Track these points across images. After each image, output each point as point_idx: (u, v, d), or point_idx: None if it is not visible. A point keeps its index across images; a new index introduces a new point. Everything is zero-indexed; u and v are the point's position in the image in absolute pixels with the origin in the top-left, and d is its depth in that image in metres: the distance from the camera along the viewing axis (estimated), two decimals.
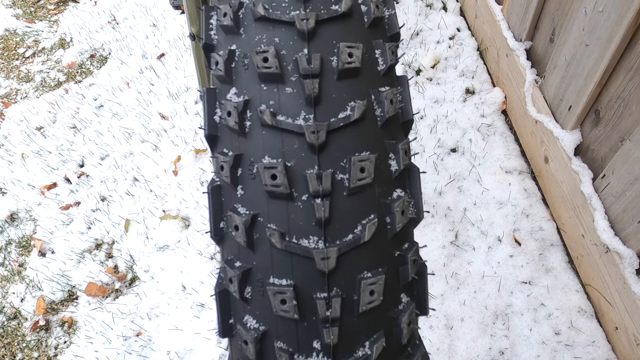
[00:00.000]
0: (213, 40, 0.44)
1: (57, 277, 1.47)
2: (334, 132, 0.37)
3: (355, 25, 0.42)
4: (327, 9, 0.41)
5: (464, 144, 1.55)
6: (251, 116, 0.39)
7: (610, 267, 1.10)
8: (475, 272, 1.29)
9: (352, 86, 0.39)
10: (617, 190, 1.06)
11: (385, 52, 0.42)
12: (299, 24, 0.39)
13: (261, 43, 0.40)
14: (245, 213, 0.38)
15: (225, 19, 0.41)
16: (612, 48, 0.99)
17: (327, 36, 0.40)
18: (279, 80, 0.39)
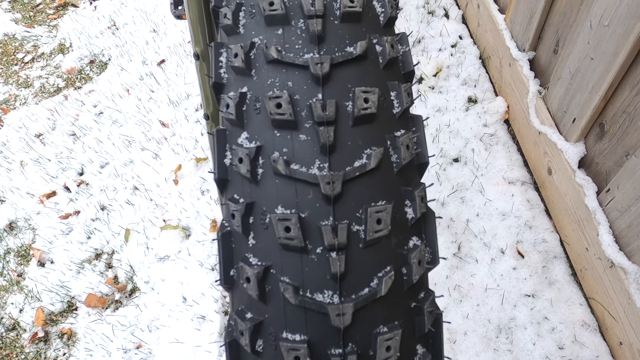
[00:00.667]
0: (223, 79, 0.43)
1: (57, 288, 1.45)
2: (349, 181, 0.36)
3: (370, 67, 0.41)
4: (342, 52, 0.40)
5: (466, 154, 1.54)
6: (263, 163, 0.37)
7: (614, 282, 1.09)
8: (479, 284, 1.28)
9: (368, 132, 0.38)
10: (622, 205, 1.05)
11: (401, 94, 0.41)
12: (313, 68, 0.38)
13: (274, 87, 0.39)
14: (257, 264, 0.36)
15: (237, 59, 0.40)
16: (618, 62, 0.98)
17: (342, 80, 0.39)
18: (292, 127, 0.38)
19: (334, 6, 0.42)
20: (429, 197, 1.46)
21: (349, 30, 0.41)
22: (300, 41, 0.40)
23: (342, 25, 0.41)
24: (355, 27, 0.41)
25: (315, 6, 0.40)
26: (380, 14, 0.45)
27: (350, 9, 0.41)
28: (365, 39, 0.42)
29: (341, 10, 0.41)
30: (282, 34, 0.40)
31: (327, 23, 0.41)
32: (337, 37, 0.40)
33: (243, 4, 0.42)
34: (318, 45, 0.39)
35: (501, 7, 1.63)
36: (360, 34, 0.41)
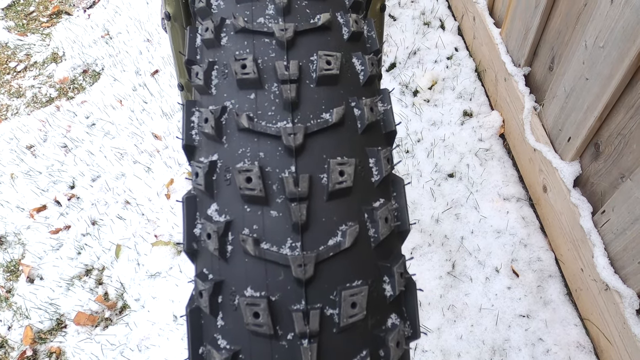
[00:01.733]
0: (194, 141, 0.41)
1: (46, 305, 1.43)
2: (323, 262, 0.34)
3: (347, 135, 0.39)
4: (317, 119, 0.38)
5: (461, 169, 1.52)
6: (233, 240, 0.36)
7: (609, 305, 1.08)
8: (473, 304, 1.26)
9: (344, 207, 0.36)
10: (617, 228, 1.04)
11: (380, 160, 0.39)
12: (286, 139, 0.36)
13: (245, 157, 0.37)
14: (225, 348, 0.35)
15: (207, 125, 0.38)
16: (613, 85, 0.97)
17: (317, 151, 0.37)
18: (263, 203, 0.36)
19: (310, 69, 0.40)
20: (423, 213, 1.44)
21: (326, 95, 0.40)
22: (273, 107, 0.38)
23: (318, 89, 0.40)
24: (332, 90, 0.40)
25: (290, 70, 0.39)
26: (360, 72, 0.43)
27: (327, 72, 0.40)
28: (343, 104, 0.39)
29: (317, 74, 0.40)
30: (254, 98, 0.38)
31: (302, 87, 0.39)
32: (313, 102, 0.38)
33: (216, 62, 0.41)
34: (292, 113, 0.37)
35: (497, 20, 1.62)
36: (337, 98, 0.40)
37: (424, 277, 1.33)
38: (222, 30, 0.42)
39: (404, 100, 1.73)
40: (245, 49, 0.41)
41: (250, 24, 0.40)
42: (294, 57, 0.40)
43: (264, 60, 0.40)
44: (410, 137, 1.63)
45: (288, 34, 0.40)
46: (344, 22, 0.43)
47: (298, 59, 0.39)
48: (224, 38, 0.42)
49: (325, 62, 0.40)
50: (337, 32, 0.42)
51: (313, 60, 0.41)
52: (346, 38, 0.42)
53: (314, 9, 0.42)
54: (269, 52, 0.40)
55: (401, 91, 1.77)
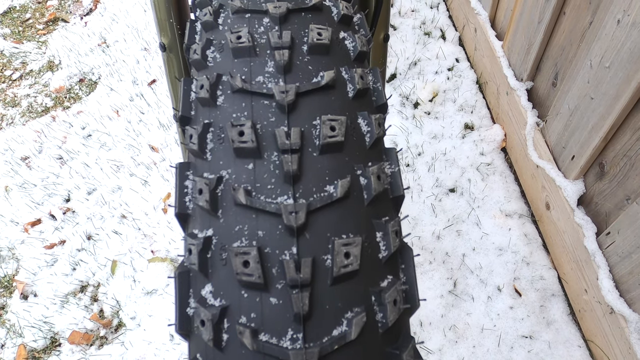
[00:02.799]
0: (188, 208, 0.39)
1: (40, 323, 1.40)
2: (326, 356, 0.32)
3: (353, 209, 0.36)
4: (320, 193, 0.36)
5: (462, 184, 1.50)
6: (229, 328, 0.33)
7: (614, 329, 1.06)
8: (475, 324, 1.24)
9: (349, 293, 0.34)
10: (623, 251, 1.02)
11: (388, 235, 0.37)
12: (287, 219, 0.34)
13: (242, 236, 0.35)
14: None
15: (201, 198, 0.36)
16: (619, 106, 0.95)
17: (321, 230, 0.35)
18: (262, 289, 0.33)
19: (313, 135, 0.38)
20: (424, 230, 1.42)
21: (329, 162, 0.37)
22: (273, 179, 0.36)
23: (322, 158, 0.37)
24: (337, 159, 0.38)
25: (291, 139, 0.36)
26: (366, 134, 0.41)
27: (332, 139, 0.37)
28: (348, 176, 0.37)
29: (321, 142, 0.37)
30: (252, 169, 0.36)
31: (304, 157, 0.37)
32: (316, 174, 0.36)
33: (211, 124, 0.38)
34: (293, 186, 0.35)
35: (498, 33, 1.60)
36: (342, 168, 0.37)
37: (425, 295, 1.30)
38: (219, 89, 0.40)
39: (405, 113, 1.71)
40: (243, 112, 0.38)
41: (249, 83, 0.38)
42: (296, 123, 0.38)
43: (263, 125, 0.38)
44: (410, 150, 1.61)
45: (289, 96, 0.37)
46: (349, 79, 0.41)
47: (300, 125, 0.37)
48: (220, 97, 0.39)
49: (329, 127, 0.37)
50: (342, 91, 0.40)
51: (316, 125, 0.38)
52: (351, 96, 0.40)
53: (316, 65, 0.40)
54: (269, 117, 0.38)
55: (401, 103, 1.75)
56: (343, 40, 0.43)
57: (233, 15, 0.43)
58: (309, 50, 0.41)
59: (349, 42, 0.44)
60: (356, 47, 0.43)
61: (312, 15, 0.43)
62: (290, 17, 0.42)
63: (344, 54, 0.42)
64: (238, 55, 0.40)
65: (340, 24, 0.44)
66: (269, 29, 0.41)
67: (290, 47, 0.39)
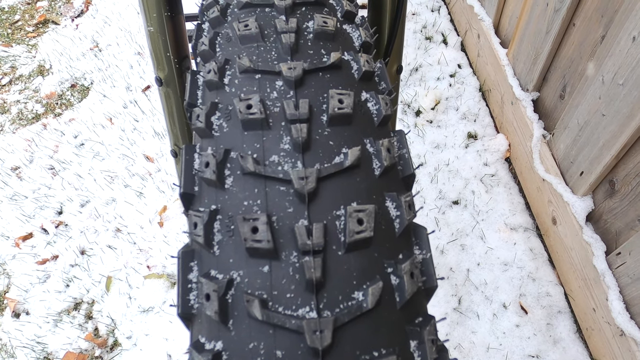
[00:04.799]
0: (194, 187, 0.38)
1: (32, 344, 1.36)
2: (342, 326, 0.30)
3: (364, 179, 0.36)
4: (332, 162, 0.35)
5: (466, 196, 1.47)
6: (235, 299, 0.32)
7: (625, 352, 1.03)
8: (480, 343, 1.21)
9: (364, 261, 0.33)
10: (635, 273, 0.99)
11: (402, 206, 0.36)
12: (297, 184, 0.32)
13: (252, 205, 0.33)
14: None
15: (207, 170, 0.35)
16: (634, 125, 0.92)
17: (332, 197, 0.34)
18: (271, 257, 0.32)
19: (321, 108, 0.36)
20: None
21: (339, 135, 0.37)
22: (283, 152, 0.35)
23: (331, 129, 0.37)
24: (346, 130, 0.37)
25: (300, 109, 0.35)
26: (374, 113, 0.40)
27: (340, 110, 0.37)
28: (358, 145, 0.36)
29: (329, 113, 0.36)
30: None
31: (313, 128, 0.36)
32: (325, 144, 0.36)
33: (218, 104, 0.38)
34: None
35: (503, 40, 1.56)
36: (351, 138, 0.37)
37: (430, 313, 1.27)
38: (226, 71, 0.41)
39: (406, 121, 1.67)
40: (252, 88, 0.39)
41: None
42: (304, 96, 0.38)
43: (271, 100, 0.38)
44: (413, 161, 1.57)
45: (296, 72, 0.38)
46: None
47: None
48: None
49: (337, 100, 0.37)
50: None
51: (324, 99, 0.38)
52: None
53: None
54: (276, 93, 0.38)
55: (403, 110, 1.71)
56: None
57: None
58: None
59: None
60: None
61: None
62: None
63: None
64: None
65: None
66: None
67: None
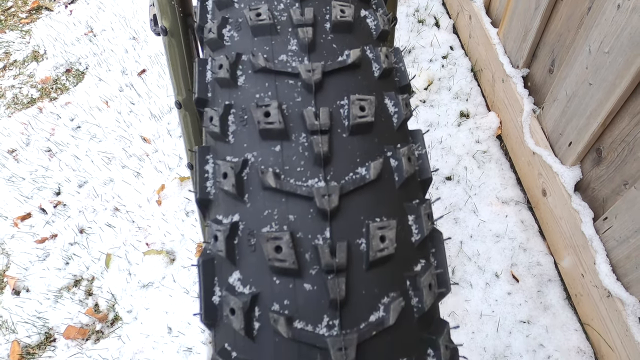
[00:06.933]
0: (210, 194, 0.37)
1: (33, 319, 1.38)
2: (365, 342, 0.31)
3: (385, 192, 0.36)
4: (353, 175, 0.35)
5: (459, 172, 1.51)
6: (260, 316, 0.32)
7: (611, 312, 1.07)
8: (473, 310, 1.25)
9: (385, 276, 0.33)
10: (621, 236, 1.03)
11: (421, 217, 0.36)
12: (320, 202, 0.32)
13: (272, 221, 0.34)
14: None
15: (226, 182, 0.34)
16: (618, 92, 0.95)
17: (354, 212, 0.34)
18: (295, 275, 0.32)
19: (342, 115, 0.37)
20: None
21: (360, 146, 0.36)
22: (302, 162, 0.34)
23: (352, 139, 0.36)
24: (367, 140, 0.36)
25: (320, 119, 0.35)
26: (393, 114, 0.40)
27: (362, 119, 0.36)
28: (380, 157, 0.36)
29: (350, 122, 0.36)
30: (280, 151, 0.35)
31: (333, 138, 0.36)
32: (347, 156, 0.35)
33: (232, 105, 0.37)
34: (324, 168, 0.33)
35: (494, 20, 1.59)
36: (373, 149, 0.36)
37: None
38: (239, 69, 0.38)
39: None
40: (267, 92, 0.37)
41: (272, 62, 0.36)
42: (323, 103, 0.36)
43: (289, 106, 0.36)
44: None
45: (316, 75, 0.36)
46: (374, 58, 0.40)
47: (328, 105, 0.35)
48: (240, 78, 0.38)
49: (358, 107, 0.36)
50: (368, 70, 0.38)
51: (344, 105, 0.37)
52: (377, 76, 0.39)
53: (340, 44, 0.39)
54: (295, 97, 0.36)
55: None
56: (365, 18, 0.42)
57: None
58: (332, 28, 0.39)
59: (370, 20, 0.42)
60: (378, 26, 0.41)
61: None
62: None
63: (367, 33, 0.41)
64: (258, 34, 0.38)
65: (360, 2, 0.43)
66: (290, 5, 0.39)
67: (313, 25, 0.38)
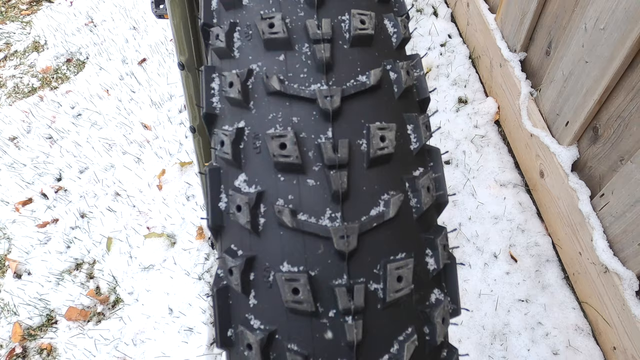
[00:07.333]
0: (216, 109, 0.38)
1: (35, 301, 1.38)
2: (366, 233, 0.32)
3: (384, 98, 0.37)
4: (354, 81, 0.36)
5: (457, 156, 1.52)
6: (265, 212, 0.33)
7: (609, 288, 1.08)
8: (472, 290, 1.26)
9: (385, 175, 0.34)
10: (617, 211, 1.04)
11: (419, 127, 0.37)
12: (322, 103, 0.34)
13: (276, 123, 0.34)
14: (260, 328, 0.32)
15: (232, 90, 0.35)
16: (614, 67, 0.97)
17: (355, 116, 0.35)
18: (299, 171, 0.33)
19: (343, 28, 0.38)
20: None
21: (361, 56, 0.37)
22: (305, 69, 0.35)
23: (353, 50, 0.37)
24: (367, 52, 0.37)
25: (322, 29, 0.36)
26: (392, 34, 0.41)
27: (362, 31, 0.37)
28: (380, 66, 0.37)
29: (351, 34, 0.37)
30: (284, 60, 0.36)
31: (335, 48, 0.37)
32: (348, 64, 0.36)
33: (238, 23, 0.38)
34: (326, 75, 0.34)
35: (491, 6, 1.61)
36: (373, 60, 0.37)
37: None
38: None
39: None
40: (271, 8, 0.38)
41: None
42: (326, 16, 0.37)
43: (292, 19, 0.37)
44: None
45: None
46: None
47: (330, 18, 0.36)
48: None
49: (359, 21, 0.37)
50: None
51: (345, 19, 0.38)
52: None
53: None
54: (298, 11, 0.37)
55: None
56: None
57: None
58: None
59: None
60: None
61: None
62: None
63: None
64: None
65: None
66: None
67: None
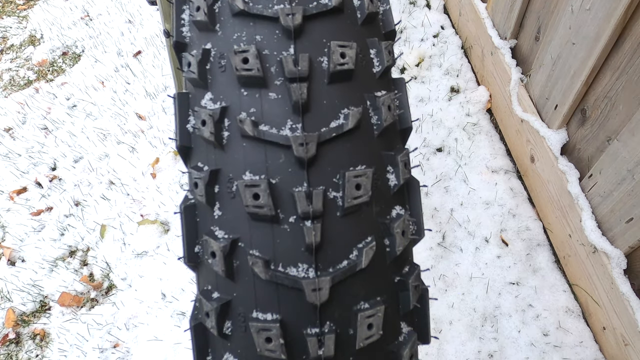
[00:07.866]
0: (185, 38, 0.39)
1: (28, 287, 1.39)
2: (325, 143, 0.33)
3: (347, 21, 0.37)
4: (317, 3, 0.36)
5: (449, 144, 1.53)
6: (229, 126, 0.34)
7: (597, 268, 1.09)
8: (463, 273, 1.27)
9: (345, 91, 0.35)
10: (604, 190, 1.05)
11: (382, 52, 0.38)
12: (284, 20, 0.34)
13: (240, 42, 0.35)
14: (223, 237, 0.33)
15: (199, 13, 0.36)
16: (599, 47, 0.98)
17: (316, 34, 0.36)
18: (261, 85, 0.34)
19: None
20: None
21: None
22: None
23: None
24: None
25: None
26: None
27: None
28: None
29: None
30: None
31: None
32: None
33: None
34: None
35: None
36: None
37: (414, 248, 1.33)
38: None
39: None
40: None
41: None
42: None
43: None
44: None
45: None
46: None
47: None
48: None
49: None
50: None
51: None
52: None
53: None
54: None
55: None
56: None
57: None
58: None
59: None
60: None
61: None
62: None
63: None
64: None
65: None
66: None
67: None
